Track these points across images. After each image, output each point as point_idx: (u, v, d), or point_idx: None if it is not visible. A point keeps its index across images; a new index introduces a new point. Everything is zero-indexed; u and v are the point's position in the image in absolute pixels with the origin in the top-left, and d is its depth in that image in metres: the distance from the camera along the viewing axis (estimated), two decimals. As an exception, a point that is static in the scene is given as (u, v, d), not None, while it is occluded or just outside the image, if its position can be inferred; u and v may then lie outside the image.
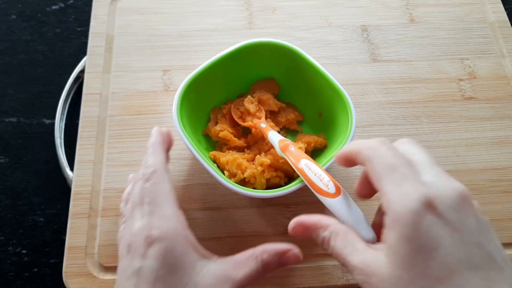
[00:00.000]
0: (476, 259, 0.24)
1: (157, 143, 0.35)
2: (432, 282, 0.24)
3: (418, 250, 0.24)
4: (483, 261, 0.24)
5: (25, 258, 0.43)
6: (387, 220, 0.26)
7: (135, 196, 0.34)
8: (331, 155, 0.37)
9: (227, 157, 0.40)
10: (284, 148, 0.37)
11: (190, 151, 0.37)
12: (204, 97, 0.42)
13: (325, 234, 0.29)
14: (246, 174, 0.38)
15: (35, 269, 0.43)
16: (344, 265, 0.28)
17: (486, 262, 0.24)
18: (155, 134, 0.36)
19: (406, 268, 0.24)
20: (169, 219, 0.31)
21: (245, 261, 0.32)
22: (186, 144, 0.37)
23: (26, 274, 0.43)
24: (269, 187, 0.39)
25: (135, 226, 0.32)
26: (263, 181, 0.38)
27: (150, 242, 0.30)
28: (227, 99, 0.44)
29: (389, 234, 0.26)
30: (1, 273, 0.43)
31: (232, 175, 0.39)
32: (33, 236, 0.44)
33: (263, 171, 0.39)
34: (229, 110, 0.43)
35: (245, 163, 0.39)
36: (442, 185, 0.26)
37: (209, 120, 0.43)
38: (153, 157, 0.34)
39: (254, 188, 0.38)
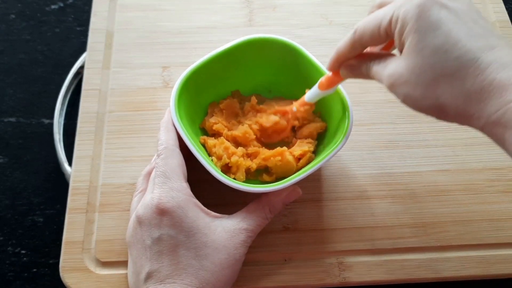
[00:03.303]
0: (476, 31, 0.27)
1: (169, 121, 0.38)
2: (442, 54, 0.27)
3: (425, 33, 0.27)
4: (483, 32, 0.27)
5: (24, 259, 0.43)
6: (397, 32, 0.29)
7: (149, 170, 0.39)
8: (328, 152, 0.37)
9: (215, 140, 0.40)
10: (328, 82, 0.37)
11: (184, 140, 0.37)
12: (203, 91, 0.42)
13: (367, 65, 0.33)
14: (233, 159, 0.38)
15: (34, 269, 0.43)
16: (381, 81, 0.31)
17: (486, 33, 0.27)
18: (167, 113, 0.39)
19: (418, 52, 0.28)
20: (178, 190, 0.34)
21: (253, 212, 0.36)
22: (180, 134, 0.37)
23: (25, 274, 0.43)
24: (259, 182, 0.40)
25: (146, 198, 0.35)
26: (243, 169, 0.39)
27: (161, 212, 0.33)
28: (226, 93, 0.44)
29: (402, 39, 0.29)
30: (0, 273, 0.42)
31: (218, 158, 0.39)
32: (32, 236, 0.44)
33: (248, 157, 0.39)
34: (227, 106, 0.43)
35: (232, 148, 0.40)
36: None
37: (207, 114, 0.43)
38: (164, 134, 0.37)
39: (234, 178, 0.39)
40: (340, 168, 0.43)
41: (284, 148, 0.40)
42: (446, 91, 0.27)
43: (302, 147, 0.40)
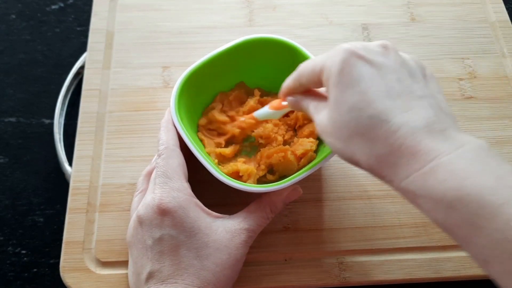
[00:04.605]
0: (396, 90, 0.27)
1: (169, 121, 0.38)
2: (357, 113, 0.27)
3: (345, 89, 0.27)
4: (404, 92, 0.27)
5: (25, 259, 0.43)
6: (324, 82, 0.29)
7: (149, 170, 0.39)
8: (329, 151, 0.37)
9: (209, 148, 0.40)
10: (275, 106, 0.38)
11: (184, 140, 0.37)
12: (204, 91, 0.42)
13: (307, 104, 0.33)
14: (242, 167, 0.38)
15: (35, 270, 0.43)
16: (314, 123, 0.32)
17: (405, 93, 0.27)
18: (167, 113, 0.39)
19: (337, 107, 0.28)
20: (179, 190, 0.34)
21: (254, 212, 0.36)
22: (181, 134, 0.37)
23: (26, 274, 0.42)
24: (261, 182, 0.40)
25: (147, 198, 0.35)
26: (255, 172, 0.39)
27: (162, 212, 0.33)
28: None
29: (328, 90, 0.29)
30: (0, 274, 0.42)
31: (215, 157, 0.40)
32: (32, 237, 0.44)
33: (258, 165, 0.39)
34: (236, 97, 0.43)
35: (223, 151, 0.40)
36: (366, 42, 0.29)
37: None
38: (165, 134, 0.37)
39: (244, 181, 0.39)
40: (340, 168, 0.43)
41: (287, 146, 0.40)
42: (360, 150, 0.27)
43: (304, 145, 0.40)
